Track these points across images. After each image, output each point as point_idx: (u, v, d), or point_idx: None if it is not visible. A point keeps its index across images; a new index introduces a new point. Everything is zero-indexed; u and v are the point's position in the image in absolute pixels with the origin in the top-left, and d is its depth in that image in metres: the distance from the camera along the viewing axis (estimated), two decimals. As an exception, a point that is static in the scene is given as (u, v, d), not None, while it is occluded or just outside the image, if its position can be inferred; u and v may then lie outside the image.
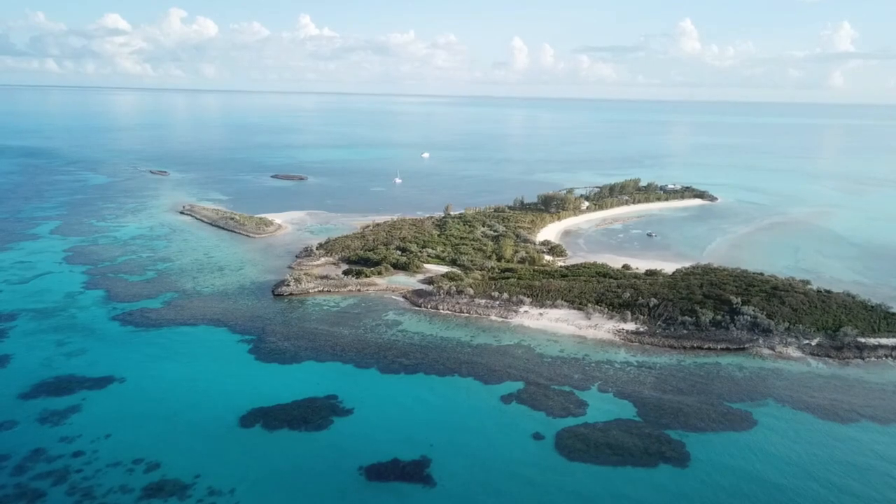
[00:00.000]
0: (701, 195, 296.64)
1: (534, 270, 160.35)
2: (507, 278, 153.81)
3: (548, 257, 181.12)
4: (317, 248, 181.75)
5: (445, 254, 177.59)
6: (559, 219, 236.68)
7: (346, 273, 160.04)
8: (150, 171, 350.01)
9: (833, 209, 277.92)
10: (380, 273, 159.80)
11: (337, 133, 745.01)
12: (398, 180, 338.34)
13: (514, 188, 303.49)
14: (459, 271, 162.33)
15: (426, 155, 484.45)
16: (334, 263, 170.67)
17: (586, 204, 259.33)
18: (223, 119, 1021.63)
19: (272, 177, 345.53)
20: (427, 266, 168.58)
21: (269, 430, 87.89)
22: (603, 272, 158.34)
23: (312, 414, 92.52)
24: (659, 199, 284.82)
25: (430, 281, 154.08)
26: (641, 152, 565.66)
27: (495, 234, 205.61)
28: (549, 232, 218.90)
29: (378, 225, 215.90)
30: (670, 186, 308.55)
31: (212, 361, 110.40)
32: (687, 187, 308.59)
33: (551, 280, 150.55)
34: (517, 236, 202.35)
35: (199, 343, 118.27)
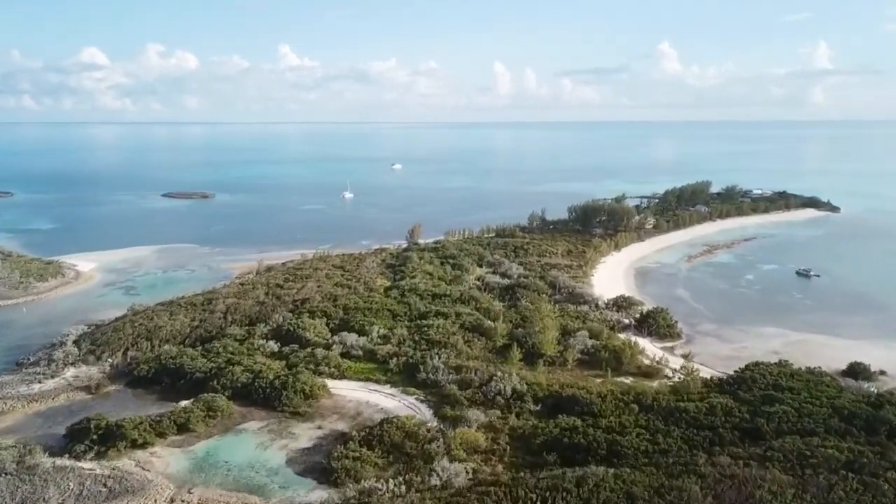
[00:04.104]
0: (814, 204, 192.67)
1: (652, 403, 53.17)
2: (570, 438, 46.27)
3: (643, 343, 74.44)
4: (74, 343, 73.83)
5: (393, 343, 70.69)
6: (616, 246, 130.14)
7: (70, 446, 51.60)
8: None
9: None
10: (189, 425, 52.51)
11: (296, 150, 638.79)
12: (347, 195, 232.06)
13: (515, 202, 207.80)
14: (427, 410, 55.81)
15: (398, 166, 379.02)
16: (99, 382, 63.07)
17: (652, 221, 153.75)
18: (172, 143, 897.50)
19: (163, 195, 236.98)
20: (339, 388, 61.79)
21: None
22: (842, 407, 51.24)
23: None
24: (755, 212, 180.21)
25: (331, 454, 46.77)
26: (665, 160, 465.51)
27: (508, 282, 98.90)
28: (610, 273, 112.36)
29: (270, 271, 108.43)
30: (757, 192, 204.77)
31: None
32: (781, 193, 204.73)
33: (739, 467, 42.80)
34: (554, 287, 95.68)
35: None
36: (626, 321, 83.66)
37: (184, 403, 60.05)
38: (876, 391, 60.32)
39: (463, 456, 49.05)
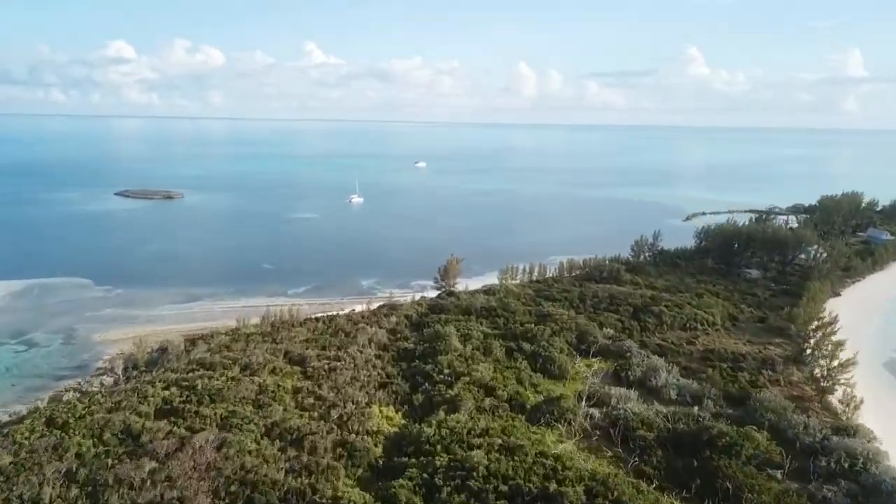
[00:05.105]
0: None
1: None
2: None
3: None
4: None
5: None
6: (814, 301, 72.07)
7: None
8: None
9: None
10: None
11: (311, 145, 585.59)
12: (356, 199, 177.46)
13: (568, 211, 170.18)
14: None
15: (421, 164, 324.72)
16: None
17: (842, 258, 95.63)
18: (183, 136, 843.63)
19: (117, 194, 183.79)
20: None
21: None
22: None
23: None
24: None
25: None
26: (728, 164, 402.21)
27: (659, 416, 41.89)
28: (877, 388, 53.92)
29: (164, 363, 52.90)
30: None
31: None
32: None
33: None
34: (792, 446, 38.64)
35: None
36: None
37: None
38: None
39: None
